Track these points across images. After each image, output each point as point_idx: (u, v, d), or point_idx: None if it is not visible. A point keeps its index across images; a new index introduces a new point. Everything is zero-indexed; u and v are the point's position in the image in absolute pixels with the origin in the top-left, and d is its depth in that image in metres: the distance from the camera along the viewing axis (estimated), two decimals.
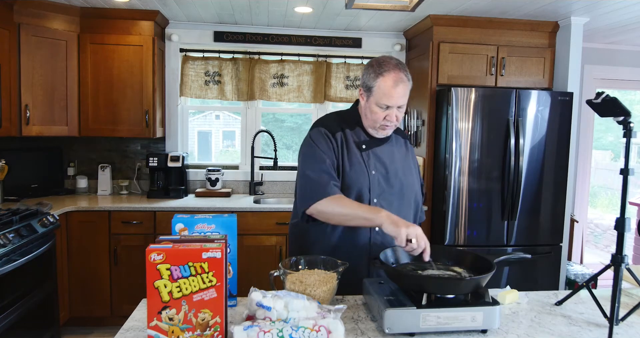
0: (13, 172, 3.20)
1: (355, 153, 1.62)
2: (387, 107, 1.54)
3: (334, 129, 1.63)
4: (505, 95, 3.16)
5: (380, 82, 1.52)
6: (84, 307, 3.21)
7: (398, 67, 1.53)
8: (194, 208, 3.24)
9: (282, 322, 1.12)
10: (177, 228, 1.33)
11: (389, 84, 1.51)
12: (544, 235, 3.29)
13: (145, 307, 1.29)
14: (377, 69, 1.53)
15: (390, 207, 1.60)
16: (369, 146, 1.64)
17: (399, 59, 1.60)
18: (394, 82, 1.51)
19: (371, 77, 1.55)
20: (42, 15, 3.13)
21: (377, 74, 1.53)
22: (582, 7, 3.02)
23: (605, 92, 1.36)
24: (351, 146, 1.62)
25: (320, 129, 1.64)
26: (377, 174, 1.62)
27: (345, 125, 1.66)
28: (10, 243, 2.36)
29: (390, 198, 1.62)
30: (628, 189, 1.34)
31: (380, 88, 1.52)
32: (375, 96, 1.54)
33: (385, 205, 1.60)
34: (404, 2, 2.31)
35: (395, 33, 3.91)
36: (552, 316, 1.40)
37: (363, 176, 1.60)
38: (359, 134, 1.65)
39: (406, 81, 1.54)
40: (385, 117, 1.56)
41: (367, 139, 1.65)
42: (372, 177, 1.60)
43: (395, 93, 1.52)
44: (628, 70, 4.14)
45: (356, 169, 1.60)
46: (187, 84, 3.76)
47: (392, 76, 1.51)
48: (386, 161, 1.64)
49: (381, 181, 1.62)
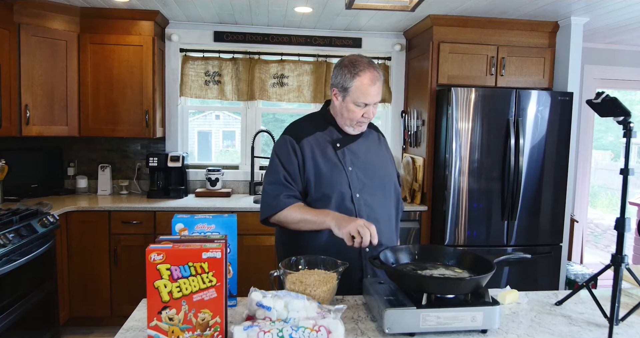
0: (13, 172, 3.20)
1: (329, 153, 1.65)
2: (365, 105, 1.60)
3: (301, 135, 1.66)
4: (505, 95, 3.16)
5: (357, 82, 1.56)
6: (84, 307, 3.21)
7: (371, 65, 1.58)
8: (194, 208, 3.24)
9: (282, 322, 1.12)
10: (177, 228, 1.33)
11: (366, 83, 1.56)
12: (544, 235, 3.29)
13: (145, 307, 1.29)
14: (352, 69, 1.57)
15: (373, 199, 1.65)
16: (343, 143, 1.68)
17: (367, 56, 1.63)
18: (371, 80, 1.56)
19: (347, 78, 1.58)
20: (42, 15, 3.13)
21: (353, 74, 1.57)
22: (582, 7, 3.02)
23: (605, 92, 1.36)
24: (324, 146, 1.66)
25: (285, 138, 1.68)
26: (354, 169, 1.65)
27: (316, 128, 1.69)
28: (10, 243, 2.36)
29: (372, 190, 1.66)
30: (628, 189, 1.34)
31: (357, 88, 1.57)
32: (352, 95, 1.58)
33: (368, 198, 1.64)
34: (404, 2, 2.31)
35: (395, 33, 3.91)
36: (552, 316, 1.40)
37: (340, 174, 1.63)
38: (332, 134, 1.69)
39: (380, 78, 1.60)
40: (363, 115, 1.61)
41: (340, 137, 1.68)
42: (349, 173, 1.64)
43: (373, 91, 1.57)
44: (628, 70, 4.14)
45: (332, 168, 1.63)
46: (187, 84, 3.76)
47: (367, 75, 1.56)
48: (362, 155, 1.68)
49: (360, 175, 1.65)
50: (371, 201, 1.65)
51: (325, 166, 1.63)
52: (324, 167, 1.63)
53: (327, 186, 1.62)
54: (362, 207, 1.63)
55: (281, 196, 1.61)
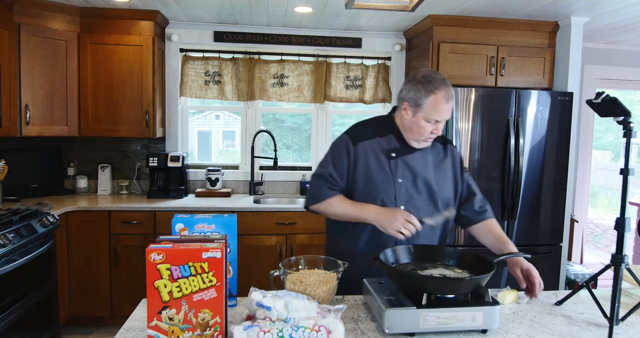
0: (13, 172, 3.20)
1: (382, 161, 1.66)
2: (436, 122, 1.60)
3: (359, 138, 1.68)
4: (505, 95, 3.16)
5: (432, 100, 1.57)
6: (84, 307, 3.21)
7: (445, 83, 1.59)
8: (194, 208, 3.24)
9: (282, 322, 1.12)
10: (177, 228, 1.33)
11: (441, 102, 1.57)
12: (544, 235, 3.29)
13: (145, 307, 1.29)
14: (427, 86, 1.57)
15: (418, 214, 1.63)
16: (399, 153, 1.67)
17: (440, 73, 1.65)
18: (446, 99, 1.57)
19: (422, 95, 1.58)
20: (42, 15, 3.13)
21: (429, 91, 1.57)
22: (582, 7, 3.02)
23: (605, 92, 1.36)
24: (378, 154, 1.67)
25: (343, 137, 1.71)
26: (404, 181, 1.65)
27: (377, 133, 1.70)
28: (10, 243, 2.36)
29: (419, 205, 1.65)
30: (628, 189, 1.34)
31: (431, 105, 1.57)
32: (425, 112, 1.58)
33: (413, 212, 1.62)
34: (404, 2, 2.31)
35: (395, 33, 3.91)
36: (552, 316, 1.40)
37: (388, 184, 1.64)
38: (390, 142, 1.69)
39: (452, 97, 1.61)
40: (432, 131, 1.61)
41: (398, 147, 1.68)
42: (398, 185, 1.64)
43: (447, 109, 1.58)
44: (628, 70, 4.14)
45: (381, 177, 1.64)
46: (187, 84, 3.76)
47: (442, 94, 1.57)
48: (417, 168, 1.67)
49: (409, 188, 1.65)
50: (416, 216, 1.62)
51: (374, 173, 1.64)
52: (373, 174, 1.64)
53: (373, 193, 1.63)
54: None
55: (324, 187, 1.65)
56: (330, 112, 4.04)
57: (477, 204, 1.78)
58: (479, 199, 1.80)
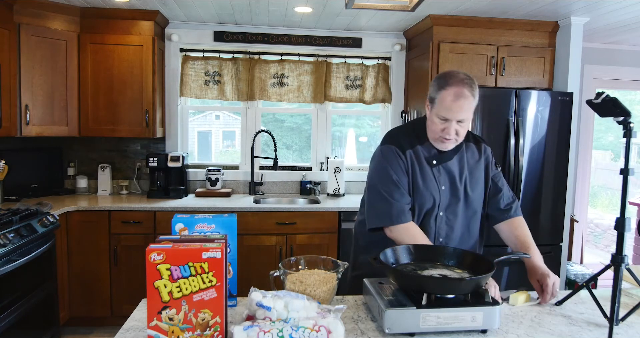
0: (13, 172, 3.20)
1: (426, 169, 1.64)
2: (446, 120, 1.55)
3: (405, 147, 1.65)
4: (505, 95, 3.16)
5: (442, 95, 1.54)
6: (84, 307, 3.21)
7: (464, 82, 1.53)
8: (194, 208, 3.24)
9: (282, 322, 1.12)
10: (177, 228, 1.33)
11: (450, 98, 1.52)
12: (544, 235, 3.29)
13: (145, 307, 1.29)
14: (442, 82, 1.55)
15: (456, 220, 1.64)
16: (439, 161, 1.65)
17: (468, 75, 1.58)
18: (455, 95, 1.52)
19: (435, 89, 1.57)
20: (42, 15, 3.13)
21: (441, 86, 1.55)
22: (582, 7, 3.02)
23: (605, 92, 1.36)
24: (422, 162, 1.64)
25: (390, 148, 1.66)
26: (446, 190, 1.65)
27: (417, 140, 1.67)
28: (10, 243, 2.36)
29: (456, 210, 1.66)
30: (628, 189, 1.34)
31: (441, 100, 1.54)
32: (436, 107, 1.56)
33: (451, 218, 1.65)
34: (404, 2, 2.31)
35: (395, 33, 3.91)
36: (552, 316, 1.40)
37: (435, 192, 1.64)
38: (430, 149, 1.66)
39: (469, 96, 1.53)
40: (444, 130, 1.56)
41: (437, 154, 1.66)
42: (442, 193, 1.64)
43: (455, 106, 1.52)
44: (628, 70, 4.14)
45: (428, 185, 1.63)
46: (187, 84, 3.76)
47: (454, 90, 1.52)
48: (455, 174, 1.66)
49: (449, 194, 1.65)
50: (453, 221, 1.65)
51: (421, 181, 1.63)
52: (420, 182, 1.63)
53: (421, 200, 1.62)
54: (443, 226, 1.65)
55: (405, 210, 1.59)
56: (330, 112, 4.04)
57: (503, 202, 1.74)
58: (506, 196, 1.75)
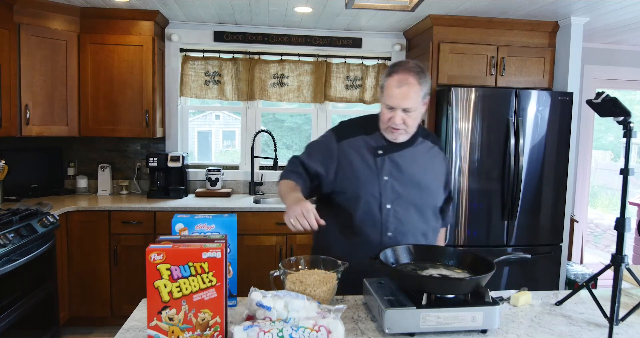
0: (13, 172, 3.20)
1: (367, 159, 1.62)
2: (391, 109, 1.54)
3: (344, 135, 1.66)
4: (505, 95, 3.16)
5: (388, 82, 1.54)
6: (84, 307, 3.21)
7: (409, 69, 1.52)
8: (194, 208, 3.24)
9: (282, 322, 1.12)
10: (177, 228, 1.33)
11: (394, 84, 1.51)
12: (544, 235, 3.29)
13: (145, 307, 1.29)
14: (390, 70, 1.56)
15: (406, 213, 1.62)
16: (386, 151, 1.63)
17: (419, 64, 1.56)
18: (399, 82, 1.51)
19: (383, 77, 1.58)
20: (42, 15, 3.13)
21: (388, 74, 1.55)
22: (582, 7, 3.02)
23: (605, 92, 1.36)
24: (364, 151, 1.63)
25: (328, 133, 1.71)
26: (390, 180, 1.60)
27: (363, 131, 1.66)
28: (10, 243, 2.36)
29: (406, 204, 1.62)
30: (628, 189, 1.34)
31: (386, 88, 1.54)
32: (384, 96, 1.56)
33: (400, 211, 1.61)
34: (404, 2, 2.31)
35: (395, 33, 3.91)
36: (552, 316, 1.40)
37: (372, 182, 1.60)
38: (378, 140, 1.64)
39: (414, 84, 1.51)
40: (390, 119, 1.55)
41: (385, 145, 1.63)
42: (383, 182, 1.60)
43: (398, 94, 1.50)
44: (628, 70, 4.14)
45: (366, 174, 1.60)
46: (187, 84, 3.76)
47: (398, 77, 1.51)
48: (404, 167, 1.62)
49: (396, 186, 1.61)
50: (402, 215, 1.61)
51: (359, 170, 1.61)
52: (357, 171, 1.61)
53: (357, 191, 1.60)
54: (391, 218, 1.61)
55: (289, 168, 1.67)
56: (330, 112, 4.04)
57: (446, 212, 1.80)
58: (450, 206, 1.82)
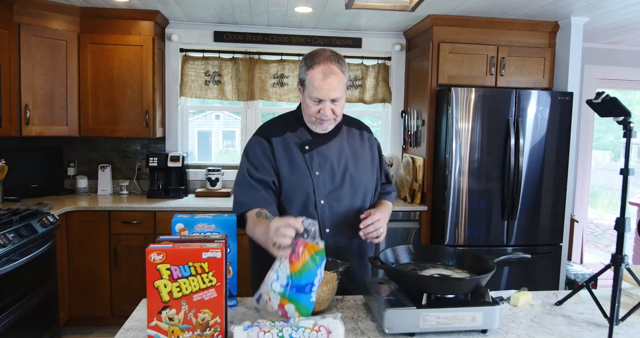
0: (13, 172, 3.20)
1: (296, 156, 1.56)
2: (320, 101, 1.48)
3: (270, 135, 1.58)
4: (505, 95, 3.16)
5: (311, 75, 1.46)
6: (84, 307, 3.21)
7: (330, 58, 1.47)
8: (194, 208, 3.24)
9: (282, 322, 1.12)
10: (177, 228, 1.33)
11: (319, 77, 1.45)
12: (544, 235, 3.29)
13: (145, 307, 1.29)
14: (309, 61, 1.48)
15: (340, 206, 1.58)
16: (312, 145, 1.57)
17: (333, 50, 1.52)
18: (324, 74, 1.45)
19: (303, 70, 1.50)
20: (42, 15, 3.13)
21: (308, 66, 1.48)
22: (582, 7, 3.02)
23: (605, 92, 1.36)
24: (292, 149, 1.57)
25: (254, 138, 1.60)
26: (322, 174, 1.56)
27: (286, 128, 1.60)
28: (10, 243, 2.36)
29: (339, 196, 1.57)
30: (628, 189, 1.34)
31: (310, 81, 1.47)
32: (307, 89, 1.49)
33: (334, 205, 1.57)
34: (404, 2, 2.31)
35: (395, 33, 3.91)
36: (552, 316, 1.40)
37: (306, 178, 1.54)
38: (302, 135, 1.59)
39: (338, 73, 1.47)
40: (319, 112, 1.50)
41: (311, 139, 1.58)
42: (315, 178, 1.55)
43: (325, 85, 1.45)
44: (628, 70, 4.14)
45: (298, 172, 1.55)
46: (187, 84, 3.76)
47: (321, 68, 1.45)
48: (333, 158, 1.59)
49: (327, 180, 1.56)
50: (337, 208, 1.57)
51: (291, 169, 1.55)
52: (289, 170, 1.54)
53: (291, 191, 1.54)
54: (326, 213, 1.56)
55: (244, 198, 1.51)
56: None
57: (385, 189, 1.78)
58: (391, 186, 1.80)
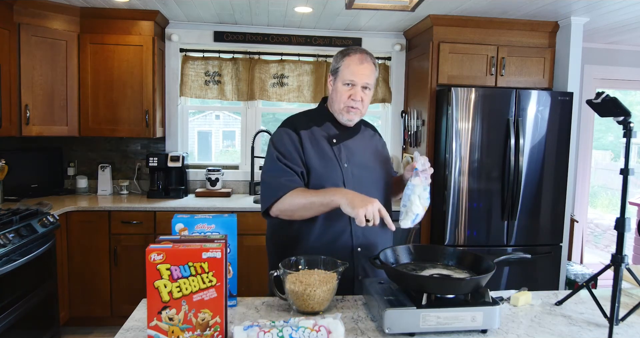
0: (13, 172, 3.20)
1: (325, 148, 1.62)
2: (352, 86, 1.59)
3: (299, 128, 1.63)
4: (505, 95, 3.16)
5: (347, 61, 1.60)
6: (84, 307, 3.21)
7: (366, 52, 1.63)
8: (194, 208, 3.24)
9: (282, 322, 1.12)
10: (177, 228, 1.33)
11: (355, 62, 1.59)
12: (544, 235, 3.29)
13: (145, 307, 1.29)
14: (344, 52, 1.64)
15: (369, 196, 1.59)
16: (339, 139, 1.65)
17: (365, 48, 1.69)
18: (359, 60, 1.59)
19: (338, 59, 1.63)
20: (42, 15, 3.13)
21: (344, 54, 1.62)
22: (582, 7, 3.02)
23: (605, 92, 1.36)
24: (320, 141, 1.63)
25: (282, 129, 1.65)
26: (349, 166, 1.62)
27: (313, 123, 1.67)
28: (10, 243, 2.36)
29: (367, 188, 1.60)
30: (628, 189, 1.34)
31: (346, 66, 1.60)
32: (341, 75, 1.61)
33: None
34: (404, 2, 2.31)
35: (395, 33, 3.91)
36: (552, 316, 1.40)
37: (335, 170, 1.60)
38: (329, 129, 1.66)
39: (372, 64, 1.62)
40: (350, 96, 1.59)
41: (337, 133, 1.66)
42: (344, 170, 1.61)
43: (361, 69, 1.59)
44: (628, 70, 4.14)
45: (327, 164, 1.60)
46: (187, 84, 3.76)
47: (357, 56, 1.60)
48: (358, 152, 1.67)
49: (355, 172, 1.62)
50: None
51: (320, 160, 1.59)
52: (319, 162, 1.59)
53: (321, 181, 1.57)
54: None
55: (281, 180, 1.53)
56: None
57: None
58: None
